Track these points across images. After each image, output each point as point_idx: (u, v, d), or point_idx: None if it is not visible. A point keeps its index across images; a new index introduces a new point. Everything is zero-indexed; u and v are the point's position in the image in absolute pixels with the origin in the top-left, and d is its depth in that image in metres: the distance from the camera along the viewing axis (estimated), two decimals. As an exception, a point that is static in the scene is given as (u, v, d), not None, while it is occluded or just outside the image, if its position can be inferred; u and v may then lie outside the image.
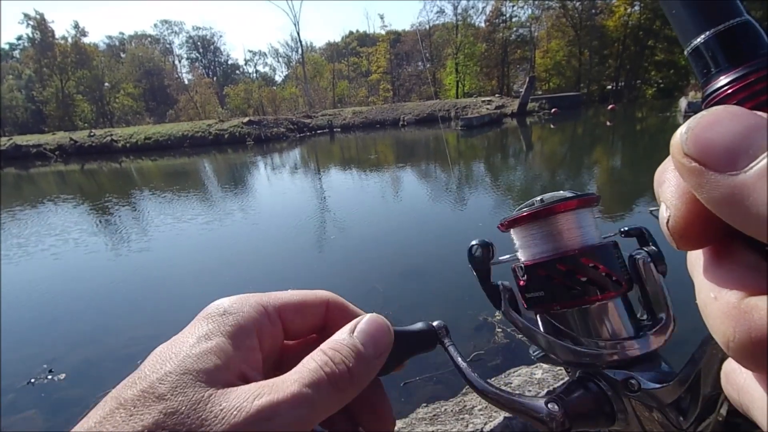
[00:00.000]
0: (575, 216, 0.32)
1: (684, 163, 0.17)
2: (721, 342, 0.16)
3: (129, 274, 5.85)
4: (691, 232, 0.18)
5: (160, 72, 53.98)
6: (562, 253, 0.31)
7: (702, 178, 0.16)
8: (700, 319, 0.17)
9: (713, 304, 0.17)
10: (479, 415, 2.13)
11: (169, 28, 60.77)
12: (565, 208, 0.31)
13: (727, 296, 0.16)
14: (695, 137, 0.16)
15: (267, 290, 0.26)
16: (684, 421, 0.26)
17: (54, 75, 42.84)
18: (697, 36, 0.20)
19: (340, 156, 19.57)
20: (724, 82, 0.19)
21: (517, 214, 0.33)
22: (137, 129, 30.47)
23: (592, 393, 0.30)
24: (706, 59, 0.20)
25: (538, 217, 0.32)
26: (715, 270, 0.18)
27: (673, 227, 0.18)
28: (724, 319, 0.16)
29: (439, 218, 7.44)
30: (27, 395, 3.30)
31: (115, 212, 10.36)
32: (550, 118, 25.58)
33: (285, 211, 9.08)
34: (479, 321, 3.68)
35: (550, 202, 0.31)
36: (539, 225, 0.32)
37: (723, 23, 0.19)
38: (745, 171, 0.15)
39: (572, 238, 0.31)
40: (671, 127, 18.60)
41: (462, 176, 11.92)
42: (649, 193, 6.03)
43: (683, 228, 0.18)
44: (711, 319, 0.17)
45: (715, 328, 0.16)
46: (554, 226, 0.32)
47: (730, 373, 0.18)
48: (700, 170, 0.16)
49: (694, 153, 0.16)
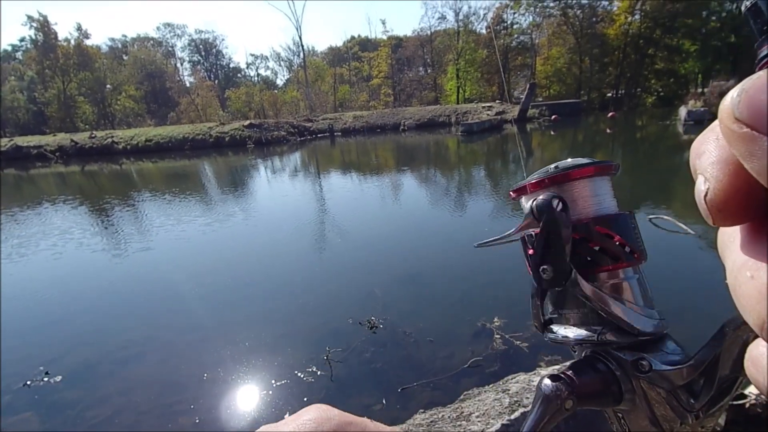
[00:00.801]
0: (591, 183, 0.30)
1: (734, 129, 0.15)
2: (754, 323, 0.15)
3: (126, 276, 5.84)
4: (731, 206, 0.17)
5: (162, 74, 54.16)
6: (576, 220, 0.30)
7: (754, 145, 0.15)
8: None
9: (749, 283, 0.16)
10: (477, 422, 2.13)
11: (172, 31, 61.12)
12: (582, 174, 0.30)
13: (765, 275, 0.15)
14: (749, 99, 0.15)
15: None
16: (696, 403, 0.25)
17: (56, 77, 42.98)
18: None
19: (340, 160, 19.61)
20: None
21: (530, 180, 0.32)
22: (138, 131, 30.53)
23: (600, 373, 0.30)
24: (766, 15, 0.18)
25: (553, 183, 0.31)
26: (753, 247, 0.17)
27: (712, 200, 0.17)
28: (761, 299, 0.15)
29: (439, 223, 7.45)
30: (23, 397, 3.28)
31: (113, 214, 10.36)
32: (550, 124, 25.67)
33: (285, 215, 9.08)
34: (477, 327, 3.67)
35: (566, 167, 0.30)
36: (553, 192, 0.31)
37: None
38: None
39: (587, 206, 0.30)
40: (671, 135, 18.68)
41: (462, 181, 11.94)
42: (649, 200, 6.05)
43: (723, 201, 0.17)
44: (744, 299, 0.16)
45: (749, 308, 0.16)
46: (568, 194, 0.30)
47: (757, 357, 0.17)
48: (753, 136, 0.15)
49: (747, 117, 0.15)
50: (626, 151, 15.98)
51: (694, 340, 0.21)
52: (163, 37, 60.88)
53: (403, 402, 2.88)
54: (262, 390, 3.16)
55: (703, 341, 0.25)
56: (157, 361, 3.69)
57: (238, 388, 3.21)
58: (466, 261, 5.25)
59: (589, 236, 0.30)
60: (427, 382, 3.06)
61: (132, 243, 7.43)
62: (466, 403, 2.45)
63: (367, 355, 3.44)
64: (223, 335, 3.96)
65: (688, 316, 3.42)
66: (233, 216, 9.05)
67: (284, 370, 3.34)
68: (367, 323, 3.84)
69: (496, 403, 2.28)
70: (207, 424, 2.88)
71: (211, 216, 9.18)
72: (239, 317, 4.32)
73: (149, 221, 9.15)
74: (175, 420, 2.93)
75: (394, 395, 2.96)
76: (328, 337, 3.71)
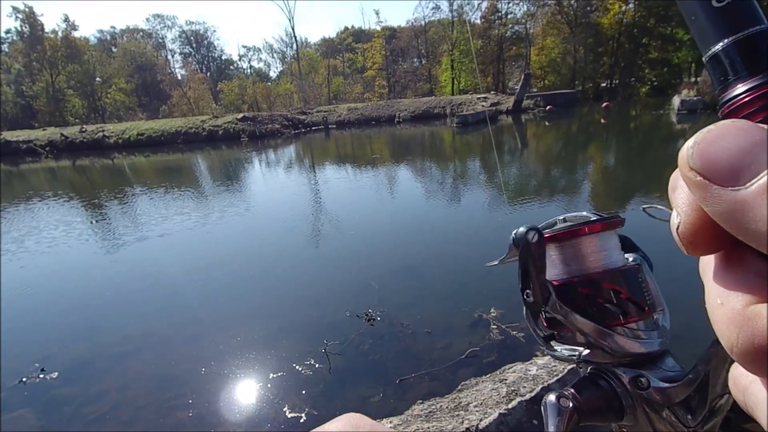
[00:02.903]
0: (599, 239, 0.31)
1: (690, 177, 0.17)
2: (726, 346, 0.17)
3: (121, 271, 5.80)
4: (699, 239, 0.18)
5: (153, 67, 53.24)
6: (585, 276, 0.31)
7: (706, 192, 0.16)
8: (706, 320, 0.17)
9: (719, 309, 0.17)
10: (474, 412, 2.14)
11: (162, 22, 59.97)
12: (591, 231, 0.31)
13: (732, 302, 0.17)
14: (701, 152, 0.17)
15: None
16: (692, 419, 0.26)
17: (44, 69, 42.14)
18: (717, 42, 0.20)
19: (335, 153, 19.49)
20: (742, 90, 0.19)
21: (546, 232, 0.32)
22: (130, 125, 30.10)
23: (602, 390, 0.30)
24: (725, 66, 0.20)
25: (562, 239, 0.31)
26: (722, 276, 0.18)
27: (683, 233, 0.19)
28: (729, 325, 0.16)
29: (435, 215, 7.45)
30: (19, 394, 3.26)
31: (106, 209, 10.25)
32: (545, 115, 25.65)
33: (281, 209, 9.04)
34: (474, 318, 3.69)
35: (575, 225, 0.31)
36: (562, 247, 0.32)
37: (744, 31, 0.19)
38: (747, 187, 0.15)
39: (595, 261, 0.31)
40: (665, 124, 18.74)
41: (457, 173, 11.92)
42: (643, 189, 6.08)
43: (692, 235, 0.18)
44: (717, 324, 0.17)
45: (720, 332, 0.17)
46: (577, 249, 0.31)
47: (737, 376, 0.18)
48: (705, 184, 0.16)
49: (699, 167, 0.17)
50: (620, 141, 16.03)
51: (689, 331, 0.21)
52: (152, 29, 59.76)
53: (402, 393, 2.90)
54: (261, 383, 3.16)
55: (699, 334, 0.26)
56: (154, 356, 3.67)
57: (236, 382, 3.21)
58: (463, 252, 5.26)
59: (598, 293, 0.30)
60: (425, 373, 3.08)
61: (127, 238, 7.37)
62: (464, 393, 2.47)
63: (364, 347, 3.45)
64: (220, 329, 3.95)
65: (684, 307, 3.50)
66: (228, 210, 8.99)
67: (282, 364, 3.34)
68: (364, 315, 3.85)
69: (494, 392, 2.30)
70: (205, 419, 2.88)
71: (206, 210, 9.11)
72: (236, 311, 4.31)
73: (143, 216, 9.07)
74: (173, 415, 2.93)
75: (393, 386, 2.98)
76: (326, 330, 3.72)
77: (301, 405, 2.88)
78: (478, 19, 42.62)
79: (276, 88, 46.59)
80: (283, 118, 29.52)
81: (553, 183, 9.72)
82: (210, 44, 63.06)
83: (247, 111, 33.73)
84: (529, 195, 8.30)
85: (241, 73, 60.21)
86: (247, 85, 46.49)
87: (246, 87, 45.50)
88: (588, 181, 9.85)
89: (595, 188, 8.96)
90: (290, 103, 39.76)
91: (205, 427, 2.80)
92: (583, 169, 11.57)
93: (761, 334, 0.15)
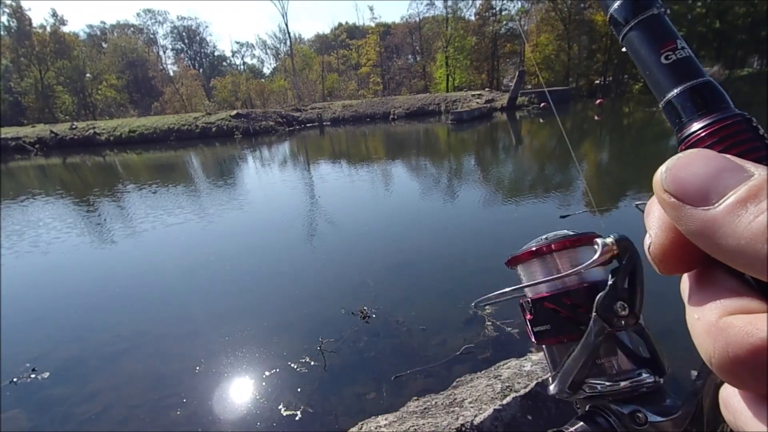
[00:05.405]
0: (577, 253, 0.33)
1: (664, 198, 0.19)
2: (705, 359, 0.18)
3: (114, 270, 5.74)
4: (669, 258, 0.20)
5: (144, 63, 52.55)
6: (567, 287, 0.33)
7: (680, 212, 0.18)
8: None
9: (697, 324, 0.18)
10: (469, 408, 2.15)
11: (153, 17, 59.18)
12: (566, 245, 0.33)
13: (707, 316, 0.18)
14: (673, 176, 0.19)
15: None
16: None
17: (32, 65, 41.43)
18: (670, 91, 0.24)
19: (330, 150, 19.42)
20: (698, 127, 0.22)
21: (522, 251, 0.35)
22: (121, 122, 29.73)
23: (601, 428, 0.31)
24: (678, 110, 0.24)
25: (542, 254, 0.34)
26: (697, 292, 0.20)
27: (653, 253, 0.21)
28: (706, 337, 0.17)
29: (430, 212, 7.45)
30: (10, 394, 3.22)
31: (98, 207, 10.13)
32: (539, 112, 25.75)
33: (275, 206, 8.99)
34: (469, 314, 3.71)
35: (553, 240, 0.34)
36: (544, 262, 0.34)
37: (692, 80, 0.23)
38: (716, 206, 0.17)
39: (576, 274, 0.33)
40: (657, 121, 18.89)
41: (452, 170, 11.93)
42: (635, 186, 6.11)
43: (662, 254, 0.20)
44: (696, 338, 0.18)
45: (699, 346, 0.18)
46: (558, 263, 0.33)
47: (726, 399, 0.19)
48: (678, 205, 0.18)
49: (673, 189, 0.19)
50: (614, 137, 16.13)
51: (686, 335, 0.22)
52: (143, 24, 59.00)
53: (397, 390, 2.90)
54: (255, 382, 3.15)
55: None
56: (147, 355, 3.64)
57: (230, 381, 3.19)
58: (457, 249, 5.27)
59: (581, 302, 0.32)
60: (420, 369, 3.09)
61: (119, 236, 7.29)
62: (459, 389, 2.48)
63: (360, 345, 3.45)
64: (214, 327, 3.92)
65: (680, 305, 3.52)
66: (222, 207, 8.93)
67: (277, 361, 3.33)
68: (359, 313, 3.85)
69: (489, 388, 2.31)
70: (199, 418, 2.86)
71: (199, 208, 9.03)
72: (230, 309, 4.28)
73: (136, 214, 8.97)
74: (167, 414, 2.91)
75: (388, 383, 2.98)
76: (321, 328, 3.71)
77: (296, 403, 2.87)
78: (473, 16, 42.60)
79: (270, 85, 46.29)
80: (277, 114, 29.34)
81: (548, 180, 9.77)
82: (202, 40, 62.44)
83: (241, 108, 33.50)
84: (525, 191, 8.34)
85: (235, 70, 59.75)
86: (240, 81, 46.13)
87: (239, 83, 45.16)
88: (582, 178, 9.91)
89: (589, 184, 9.01)
90: (284, 100, 39.53)
91: (199, 427, 2.79)
92: (577, 166, 11.63)
93: (734, 342, 0.16)
